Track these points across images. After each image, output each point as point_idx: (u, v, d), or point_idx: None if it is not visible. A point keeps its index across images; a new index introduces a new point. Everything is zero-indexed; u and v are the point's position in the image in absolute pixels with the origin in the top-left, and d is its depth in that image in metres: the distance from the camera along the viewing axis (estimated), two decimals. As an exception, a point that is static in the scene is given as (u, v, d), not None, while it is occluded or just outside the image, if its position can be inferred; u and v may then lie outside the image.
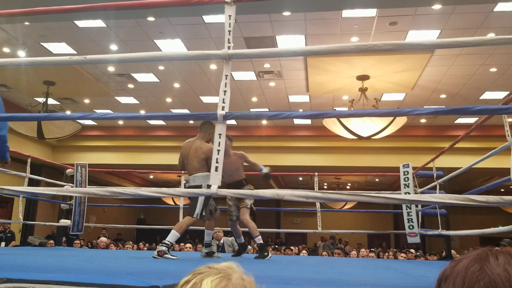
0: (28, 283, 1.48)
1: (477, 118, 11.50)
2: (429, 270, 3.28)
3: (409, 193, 5.92)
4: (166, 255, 3.97)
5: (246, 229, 4.95)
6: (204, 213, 4.28)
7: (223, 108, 2.10)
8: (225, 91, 2.11)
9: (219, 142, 2.01)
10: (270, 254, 4.82)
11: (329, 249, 10.03)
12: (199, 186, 4.30)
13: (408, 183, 6.00)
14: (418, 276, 2.55)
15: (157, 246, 4.16)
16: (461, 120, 12.00)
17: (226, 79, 2.12)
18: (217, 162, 1.96)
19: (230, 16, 2.19)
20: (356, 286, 1.85)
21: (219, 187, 1.91)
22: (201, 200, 4.25)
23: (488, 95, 10.09)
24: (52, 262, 2.79)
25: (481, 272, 0.77)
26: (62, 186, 6.89)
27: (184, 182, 4.80)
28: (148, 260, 3.61)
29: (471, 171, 5.40)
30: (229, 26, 2.20)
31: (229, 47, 2.15)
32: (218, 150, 1.99)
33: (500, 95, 9.95)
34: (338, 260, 5.83)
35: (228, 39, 2.17)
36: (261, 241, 4.81)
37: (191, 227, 4.39)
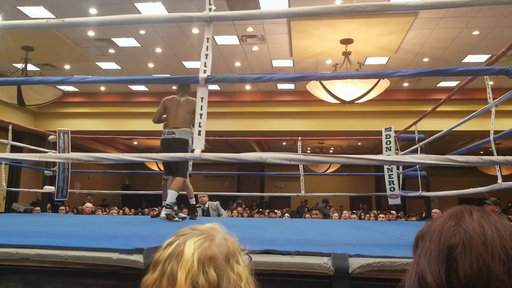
0: (11, 248, 1.50)
1: (458, 82, 11.61)
2: (408, 230, 3.38)
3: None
4: (175, 218, 4.15)
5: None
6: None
7: (204, 72, 2.08)
8: (206, 55, 2.10)
9: (201, 106, 2.01)
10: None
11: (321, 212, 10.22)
12: (186, 140, 4.52)
13: (390, 146, 6.10)
14: (397, 235, 2.63)
15: (162, 210, 4.30)
16: (443, 84, 12.09)
17: (207, 42, 2.10)
18: (199, 126, 1.97)
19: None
20: (336, 245, 1.91)
21: (202, 151, 1.93)
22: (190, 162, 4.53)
23: (470, 59, 10.15)
24: (37, 228, 2.80)
25: (456, 226, 0.81)
26: (45, 152, 6.85)
27: (167, 132, 4.75)
28: (133, 224, 3.65)
29: (452, 134, 5.49)
30: (209, -13, 2.16)
31: (210, 9, 2.12)
32: (201, 114, 1.99)
33: (482, 58, 10.01)
34: (320, 221, 5.96)
35: (209, 0, 2.14)
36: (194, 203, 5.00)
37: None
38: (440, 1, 2.22)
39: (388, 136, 6.14)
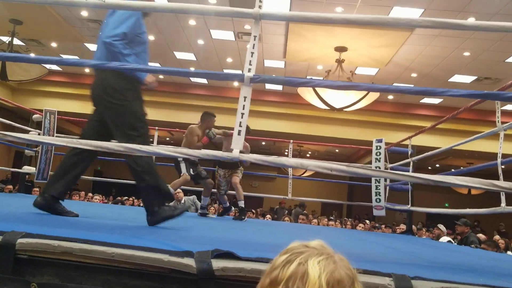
0: (51, 239, 1.43)
1: (441, 100, 11.88)
2: (410, 245, 3.41)
3: (379, 167, 6.09)
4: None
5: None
6: (192, 173, 5.04)
7: (249, 70, 2.04)
8: (252, 53, 2.06)
9: (244, 105, 1.97)
10: (246, 218, 5.12)
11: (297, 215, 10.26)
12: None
13: (380, 158, 6.15)
14: (408, 252, 2.64)
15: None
16: (426, 100, 12.32)
17: (254, 40, 2.06)
18: (240, 126, 1.93)
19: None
20: (368, 262, 1.89)
21: (240, 152, 1.90)
22: (182, 165, 5.11)
23: (457, 78, 10.37)
24: (51, 215, 2.69)
25: None
26: (27, 131, 6.64)
27: None
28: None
29: (428, 150, 5.59)
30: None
31: (260, 6, 2.08)
32: (242, 114, 1.96)
33: (468, 79, 10.25)
34: (311, 228, 5.98)
35: (259, -2, 2.10)
36: (243, 205, 5.10)
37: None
38: (439, 21, 2.23)
39: (378, 147, 6.19)
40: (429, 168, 19.77)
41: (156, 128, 7.16)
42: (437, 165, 18.94)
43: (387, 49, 9.01)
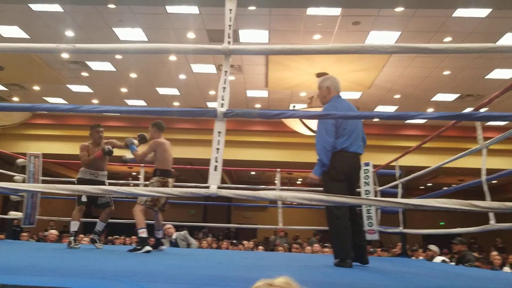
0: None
1: (426, 120, 11.97)
2: (406, 270, 3.34)
3: (369, 191, 6.06)
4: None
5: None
6: (83, 200, 4.94)
7: (222, 105, 2.03)
8: (224, 88, 2.05)
9: (219, 140, 1.95)
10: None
11: (284, 243, 10.13)
12: None
13: (368, 181, 6.13)
14: (418, 282, 2.58)
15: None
16: (411, 120, 12.42)
17: (225, 75, 2.06)
18: (216, 161, 1.90)
19: (230, 10, 2.12)
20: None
21: (218, 187, 1.86)
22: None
23: (439, 97, 10.49)
24: (30, 261, 2.61)
25: None
26: (12, 176, 6.55)
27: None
28: (124, 257, 3.48)
29: (417, 170, 5.57)
30: (230, 21, 2.13)
31: (229, 42, 2.07)
32: (217, 149, 1.93)
33: (451, 97, 10.37)
34: (304, 256, 5.88)
35: (228, 33, 2.10)
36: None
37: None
38: (411, 46, 2.25)
39: (366, 171, 6.18)
40: (421, 187, 19.79)
41: (142, 165, 7.08)
42: (429, 184, 18.97)
43: (368, 72, 9.12)
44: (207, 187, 1.87)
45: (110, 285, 1.47)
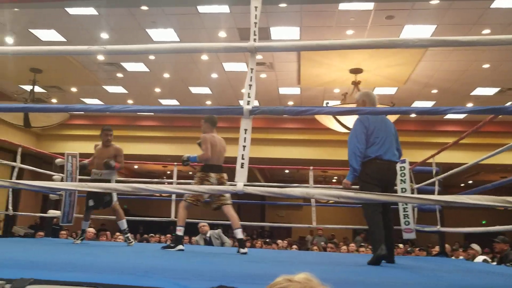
0: (58, 285, 1.39)
1: (466, 114, 11.61)
2: (442, 270, 3.24)
3: (405, 189, 5.92)
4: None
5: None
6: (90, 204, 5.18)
7: (248, 103, 2.00)
8: (250, 85, 2.02)
9: (245, 138, 1.92)
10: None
11: (322, 242, 10.08)
12: None
13: (405, 179, 5.99)
14: (431, 276, 2.50)
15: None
16: (450, 116, 12.08)
17: (251, 72, 2.03)
18: (243, 159, 1.88)
19: (256, 7, 2.10)
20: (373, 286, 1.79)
21: (244, 185, 1.84)
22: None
23: (479, 91, 10.15)
24: (64, 257, 2.67)
25: None
26: (50, 176, 6.73)
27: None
28: (157, 255, 3.52)
29: (457, 166, 5.39)
30: (255, 18, 2.10)
31: (255, 40, 2.05)
32: (244, 146, 1.90)
33: (491, 91, 10.02)
34: (338, 256, 5.80)
35: (254, 31, 2.08)
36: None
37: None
38: (449, 39, 2.15)
39: (402, 169, 6.05)
40: (462, 185, 19.24)
41: (175, 164, 7.16)
42: (470, 182, 18.42)
43: (404, 67, 8.92)
44: (234, 185, 1.85)
45: (140, 281, 1.48)
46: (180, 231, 4.44)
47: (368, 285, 1.96)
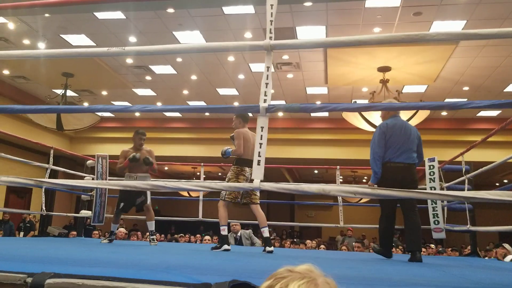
0: (76, 278, 1.44)
1: (500, 111, 11.29)
2: (472, 271, 3.17)
3: (434, 188, 5.81)
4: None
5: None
6: (120, 208, 5.24)
7: (265, 101, 2.01)
8: (266, 83, 2.03)
9: (262, 136, 1.93)
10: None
11: (353, 242, 9.98)
12: None
13: (434, 178, 5.88)
14: (475, 280, 2.44)
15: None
16: (483, 113, 11.77)
17: (267, 71, 2.04)
18: (259, 156, 1.89)
19: (272, 5, 2.10)
20: (405, 286, 1.77)
21: (261, 181, 1.85)
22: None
23: (513, 88, 9.88)
24: (88, 254, 2.75)
25: None
26: (82, 177, 6.91)
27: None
28: (181, 253, 3.57)
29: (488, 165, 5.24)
30: (271, 16, 2.11)
31: (270, 38, 2.05)
32: (261, 144, 1.91)
33: (525, 87, 9.74)
34: (364, 255, 5.73)
35: (270, 29, 2.08)
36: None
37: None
38: (481, 33, 2.09)
39: (431, 167, 5.93)
40: (496, 184, 18.73)
41: (202, 164, 7.22)
42: (505, 181, 17.94)
43: (433, 64, 8.74)
44: (251, 182, 1.87)
45: (158, 275, 1.51)
46: (223, 230, 4.38)
47: (384, 280, 1.94)
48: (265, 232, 4.46)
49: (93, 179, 6.69)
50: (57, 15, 7.42)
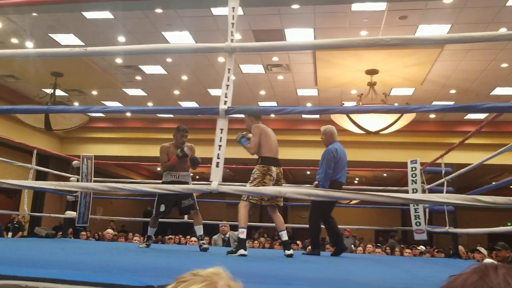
0: (21, 280, 1.46)
1: (487, 114, 11.37)
2: (435, 269, 3.23)
3: (416, 190, 5.87)
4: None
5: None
6: (160, 210, 4.84)
7: (225, 103, 2.04)
8: (227, 85, 2.06)
9: (221, 137, 1.96)
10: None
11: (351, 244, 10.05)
12: None
13: (416, 179, 5.94)
14: (422, 276, 2.50)
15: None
16: (471, 116, 11.85)
17: (228, 72, 2.07)
18: (218, 158, 1.92)
19: (233, 8, 2.13)
20: (358, 285, 1.81)
21: (219, 184, 1.88)
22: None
23: (499, 91, 9.95)
24: (52, 256, 2.76)
25: (480, 282, 0.76)
26: (68, 178, 6.91)
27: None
28: (151, 254, 3.59)
29: (480, 167, 5.31)
30: (233, 19, 2.15)
31: (232, 40, 2.09)
32: (220, 146, 1.94)
33: (511, 91, 9.81)
34: (343, 257, 5.77)
35: (232, 31, 2.12)
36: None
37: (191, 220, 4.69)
38: (466, 36, 2.15)
39: (414, 169, 6.00)
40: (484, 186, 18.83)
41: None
42: (493, 183, 18.02)
43: (420, 67, 8.81)
44: (209, 184, 1.90)
45: (101, 277, 1.53)
46: (242, 233, 4.01)
47: (324, 281, 1.98)
48: (283, 236, 4.25)
49: (78, 180, 6.70)
50: (45, 14, 7.43)
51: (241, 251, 3.89)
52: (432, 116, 12.07)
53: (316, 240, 5.22)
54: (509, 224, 18.06)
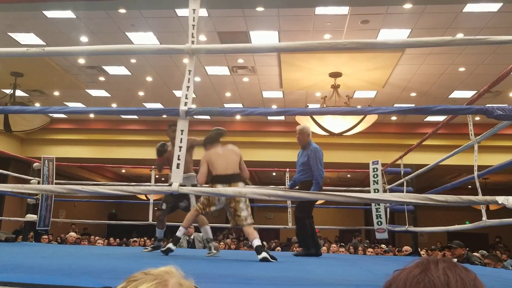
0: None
1: (446, 116, 11.73)
2: (394, 267, 3.32)
3: (378, 190, 6.02)
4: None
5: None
6: (163, 207, 4.62)
7: (185, 104, 2.06)
8: (188, 87, 2.08)
9: (181, 139, 1.98)
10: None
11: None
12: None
13: (377, 180, 6.09)
14: (381, 274, 2.58)
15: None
16: (430, 118, 12.21)
17: (189, 74, 2.09)
18: (178, 159, 1.93)
19: (194, 10, 2.16)
20: (317, 285, 1.86)
21: (180, 185, 1.89)
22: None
23: (457, 94, 10.29)
24: (11, 259, 2.72)
25: (421, 275, 0.81)
26: (29, 180, 6.75)
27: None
28: (113, 256, 3.56)
29: (439, 168, 5.51)
30: (193, 20, 2.17)
31: (193, 42, 2.11)
32: (180, 147, 1.96)
33: (468, 94, 10.16)
34: (307, 257, 5.85)
35: (192, 33, 2.14)
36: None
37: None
38: (424, 40, 2.24)
39: (375, 169, 6.16)
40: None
41: (152, 167, 7.17)
42: (453, 182, 18.59)
43: (382, 71, 9.02)
44: (170, 185, 1.91)
45: (60, 279, 1.52)
46: (179, 231, 4.06)
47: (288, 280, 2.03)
48: (254, 243, 4.00)
49: (39, 182, 6.55)
50: (4, 12, 7.22)
51: (263, 254, 3.72)
52: (393, 118, 12.37)
53: (315, 240, 5.35)
54: (467, 222, 18.70)
